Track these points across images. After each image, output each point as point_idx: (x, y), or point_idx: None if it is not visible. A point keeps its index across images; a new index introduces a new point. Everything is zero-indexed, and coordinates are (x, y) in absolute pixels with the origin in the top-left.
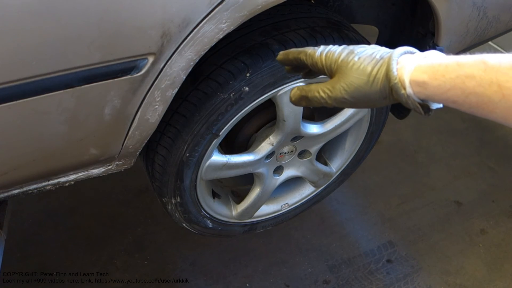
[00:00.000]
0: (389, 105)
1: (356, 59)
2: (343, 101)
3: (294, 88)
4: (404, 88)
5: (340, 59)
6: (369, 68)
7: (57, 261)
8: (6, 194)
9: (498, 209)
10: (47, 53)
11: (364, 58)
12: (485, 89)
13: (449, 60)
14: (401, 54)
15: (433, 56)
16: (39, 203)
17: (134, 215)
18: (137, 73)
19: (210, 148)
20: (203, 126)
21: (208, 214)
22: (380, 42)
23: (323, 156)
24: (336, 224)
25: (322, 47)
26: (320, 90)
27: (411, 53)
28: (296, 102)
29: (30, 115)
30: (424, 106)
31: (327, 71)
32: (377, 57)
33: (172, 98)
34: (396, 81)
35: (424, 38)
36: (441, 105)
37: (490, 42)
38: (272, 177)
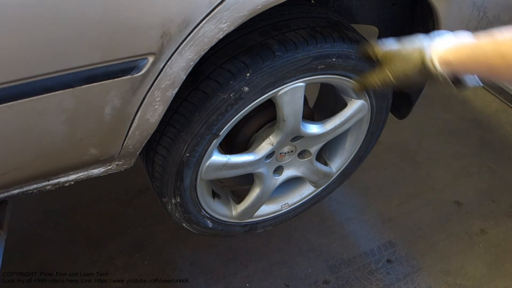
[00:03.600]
0: (389, 105)
1: (399, 49)
2: (389, 82)
3: (354, 83)
4: (434, 66)
5: (385, 51)
6: (408, 55)
7: (57, 261)
8: (6, 194)
9: (498, 209)
10: (47, 53)
11: (403, 47)
12: (493, 62)
13: (469, 41)
14: (434, 39)
15: (459, 37)
16: (39, 203)
17: (134, 215)
18: (137, 73)
19: (210, 148)
20: (203, 126)
21: (208, 214)
22: None
23: (323, 156)
24: (336, 224)
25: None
26: (373, 81)
27: (443, 34)
28: (359, 91)
29: (30, 115)
30: (455, 82)
31: (376, 58)
32: (416, 45)
33: (172, 98)
34: (428, 62)
35: None
36: (475, 82)
37: None
38: (272, 177)
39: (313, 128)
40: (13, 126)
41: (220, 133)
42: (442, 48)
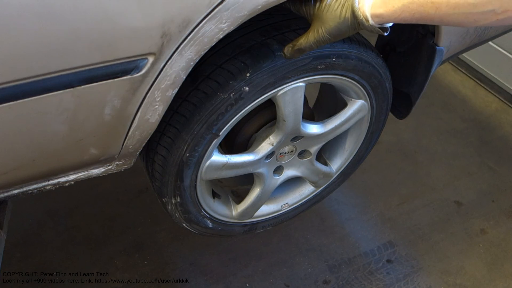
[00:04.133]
0: (389, 105)
1: (328, 6)
2: (326, 40)
3: (285, 47)
4: (367, 21)
5: (316, 8)
6: (338, 12)
7: (57, 261)
8: (6, 194)
9: (498, 209)
10: (47, 53)
11: (333, 4)
12: (423, 8)
13: None
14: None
15: None
16: (39, 203)
17: (134, 215)
18: (137, 73)
19: (210, 148)
20: (203, 126)
21: (208, 214)
22: (380, 42)
23: (323, 156)
24: (336, 224)
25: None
26: (308, 38)
27: None
28: (291, 56)
29: (30, 115)
30: (382, 28)
31: (308, 17)
32: (342, 0)
33: (172, 98)
34: (361, 18)
35: (424, 38)
36: (391, 24)
37: (490, 42)
38: (272, 177)
39: (313, 128)
40: (13, 126)
41: (220, 133)
42: (370, 2)
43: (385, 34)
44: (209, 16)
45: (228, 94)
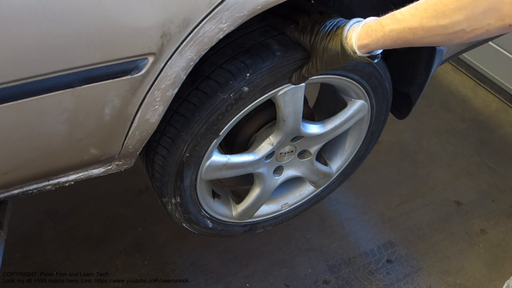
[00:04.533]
0: (389, 105)
1: (321, 40)
2: (322, 69)
3: (293, 75)
4: (355, 53)
5: (311, 43)
6: (329, 46)
7: (57, 261)
8: (6, 194)
9: (498, 209)
10: (47, 53)
11: (325, 38)
12: (402, 34)
13: (376, 24)
14: (348, 30)
15: (367, 23)
16: (39, 203)
17: (134, 215)
18: (137, 73)
19: (210, 148)
20: (203, 126)
21: (208, 214)
22: None
23: (323, 156)
24: (336, 224)
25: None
26: (308, 68)
27: (357, 22)
28: (299, 82)
29: (30, 115)
30: (371, 57)
31: (307, 48)
32: (333, 33)
33: (172, 98)
34: (349, 51)
35: None
36: (381, 50)
37: (490, 42)
38: (272, 177)
39: (313, 128)
40: (13, 126)
41: (220, 133)
42: (356, 34)
43: (375, 61)
44: (209, 16)
45: (228, 94)
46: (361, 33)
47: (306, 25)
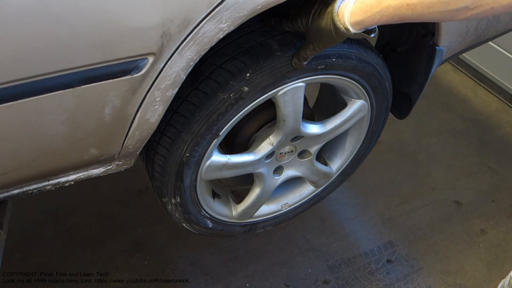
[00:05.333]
0: (389, 105)
1: (312, 19)
2: (319, 49)
3: (293, 59)
4: (348, 30)
5: (304, 25)
6: (322, 25)
7: (57, 261)
8: (6, 194)
9: (498, 209)
10: (47, 53)
11: (316, 17)
12: (400, 11)
13: (371, 0)
14: (338, 6)
15: None
16: (39, 203)
17: (134, 215)
18: (137, 73)
19: (210, 148)
20: (203, 126)
21: (208, 214)
22: (380, 42)
23: (323, 156)
24: (336, 224)
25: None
26: (305, 49)
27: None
28: (299, 65)
29: (30, 115)
30: (367, 31)
31: (304, 32)
32: (324, 11)
33: (172, 98)
34: (342, 28)
35: (424, 38)
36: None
37: (490, 42)
38: (272, 177)
39: (313, 128)
40: (13, 126)
41: (220, 133)
42: (348, 11)
43: (372, 35)
44: (209, 16)
45: (228, 94)
46: (354, 9)
47: (297, 10)
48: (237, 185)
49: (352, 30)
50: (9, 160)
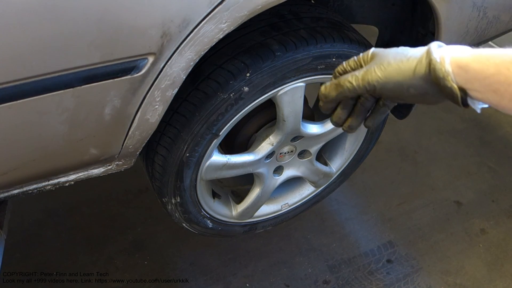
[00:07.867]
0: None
1: (392, 62)
2: (372, 90)
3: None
4: (444, 69)
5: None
6: (408, 57)
7: (57, 261)
8: (6, 194)
9: (498, 209)
10: (47, 53)
11: (398, 58)
12: None
13: (492, 50)
14: (439, 46)
15: (471, 48)
16: (39, 203)
17: (134, 215)
18: (137, 73)
19: (210, 148)
20: (203, 126)
21: (208, 214)
22: (380, 42)
23: (323, 156)
24: (336, 224)
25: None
26: (358, 79)
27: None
28: (327, 101)
29: (30, 115)
30: (462, 94)
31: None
32: (410, 53)
33: (172, 98)
34: (438, 67)
35: (424, 38)
36: (486, 105)
37: (490, 42)
38: (272, 177)
39: (313, 128)
40: (13, 126)
41: (220, 133)
42: (457, 52)
43: (463, 106)
44: (209, 16)
45: (228, 94)
46: (465, 51)
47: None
48: (237, 185)
49: (447, 67)
50: (9, 160)
